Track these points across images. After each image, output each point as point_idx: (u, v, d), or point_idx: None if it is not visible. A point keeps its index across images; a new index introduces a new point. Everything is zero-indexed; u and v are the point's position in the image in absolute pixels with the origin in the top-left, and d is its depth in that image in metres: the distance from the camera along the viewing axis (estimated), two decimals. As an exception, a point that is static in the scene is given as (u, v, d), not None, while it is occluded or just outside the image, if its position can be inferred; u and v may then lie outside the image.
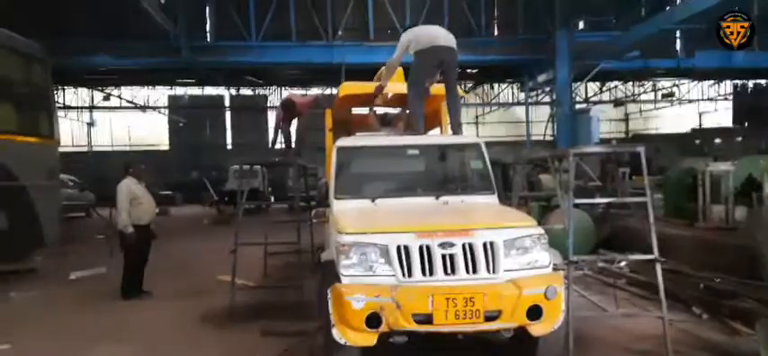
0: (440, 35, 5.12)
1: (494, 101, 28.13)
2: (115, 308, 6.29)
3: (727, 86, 29.88)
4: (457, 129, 5.22)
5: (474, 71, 21.93)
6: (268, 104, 29.49)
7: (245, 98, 28.59)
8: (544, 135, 18.85)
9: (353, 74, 17.45)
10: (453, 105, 5.29)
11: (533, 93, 23.90)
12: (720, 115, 30.76)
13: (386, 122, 6.14)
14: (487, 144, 5.31)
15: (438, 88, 5.56)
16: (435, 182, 5.01)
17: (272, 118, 29.56)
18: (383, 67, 6.02)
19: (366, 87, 6.33)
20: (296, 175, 6.73)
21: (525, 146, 20.86)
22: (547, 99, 23.90)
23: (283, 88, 27.12)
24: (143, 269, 6.76)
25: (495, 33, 18.71)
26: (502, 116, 30.52)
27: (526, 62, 18.45)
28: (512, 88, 27.70)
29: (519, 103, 26.88)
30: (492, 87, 27.85)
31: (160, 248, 7.42)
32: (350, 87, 6.38)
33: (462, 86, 25.04)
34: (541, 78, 18.92)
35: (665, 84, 27.01)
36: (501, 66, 20.08)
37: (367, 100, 6.34)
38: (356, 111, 6.69)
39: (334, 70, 16.98)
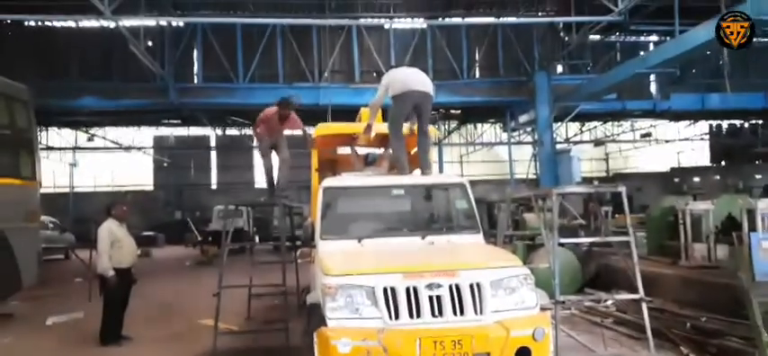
0: (414, 79, 5.25)
1: (477, 140, 28.50)
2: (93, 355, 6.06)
3: (702, 126, 30.73)
4: (426, 169, 5.26)
5: (458, 112, 22.26)
6: (254, 144, 29.50)
7: (230, 138, 28.54)
8: (527, 174, 19.08)
9: (340, 114, 17.63)
10: (423, 146, 5.39)
11: (516, 133, 24.26)
12: (697, 154, 31.52)
13: (369, 162, 6.17)
14: (472, 183, 5.35)
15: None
16: (421, 222, 5.02)
17: (257, 157, 29.49)
18: (363, 108, 6.08)
19: (341, 128, 6.38)
20: (281, 215, 6.66)
21: (509, 185, 21.04)
22: (529, 139, 24.27)
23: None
24: (123, 313, 6.55)
25: (478, 75, 19.11)
26: (485, 155, 30.90)
27: (508, 103, 18.82)
28: (495, 128, 28.14)
29: (502, 143, 27.24)
30: (475, 127, 28.26)
31: (141, 291, 7.22)
32: (325, 128, 6.43)
33: (445, 127, 25.38)
34: (523, 119, 19.28)
35: (642, 124, 27.68)
36: (484, 107, 20.43)
37: (345, 140, 6.36)
38: (342, 150, 6.70)
39: (320, 111, 17.08)
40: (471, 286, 3.69)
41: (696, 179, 28.69)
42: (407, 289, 3.64)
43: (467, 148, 30.00)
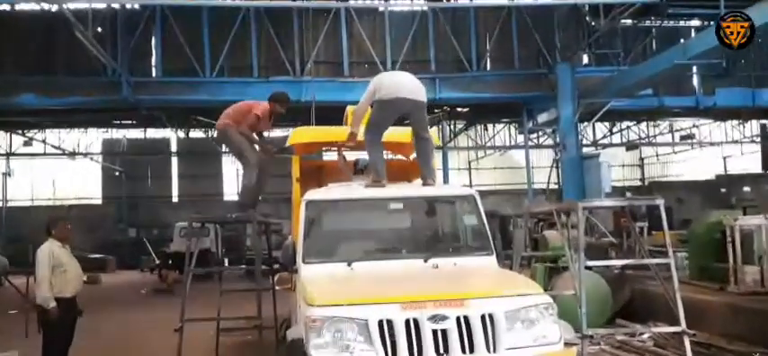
0: (405, 85, 5.32)
1: (489, 144, 28.62)
2: (29, 403, 6.02)
3: (753, 127, 30.93)
4: (428, 178, 5.32)
5: (465, 110, 22.34)
6: (223, 148, 29.47)
7: (195, 141, 28.52)
8: (547, 183, 19.13)
9: (326, 112, 17.61)
10: (423, 153, 5.45)
11: (534, 136, 24.39)
12: (748, 159, 31.68)
13: (359, 170, 6.22)
14: (482, 194, 5.43)
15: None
16: (423, 242, 5.05)
17: (227, 164, 29.51)
18: (350, 107, 6.12)
19: (322, 134, 6.40)
20: (256, 233, 6.67)
21: (526, 197, 21.09)
22: (549, 142, 24.36)
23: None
24: (67, 351, 6.50)
25: (489, 67, 19.22)
26: (498, 161, 31.01)
27: (524, 100, 18.91)
28: (509, 129, 28.27)
29: (517, 147, 27.35)
30: (486, 129, 28.38)
31: (88, 325, 7.18)
32: (302, 134, 6.46)
33: (450, 128, 25.48)
34: (542, 118, 19.36)
35: (682, 124, 27.87)
36: (496, 105, 20.51)
37: (328, 147, 6.42)
38: (328, 156, 6.74)
39: (303, 109, 17.10)
40: (483, 318, 3.70)
41: (746, 189, 28.87)
42: (407, 322, 3.64)
43: (476, 153, 30.12)
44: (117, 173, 29.72)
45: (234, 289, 7.28)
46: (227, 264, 21.24)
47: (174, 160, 30.92)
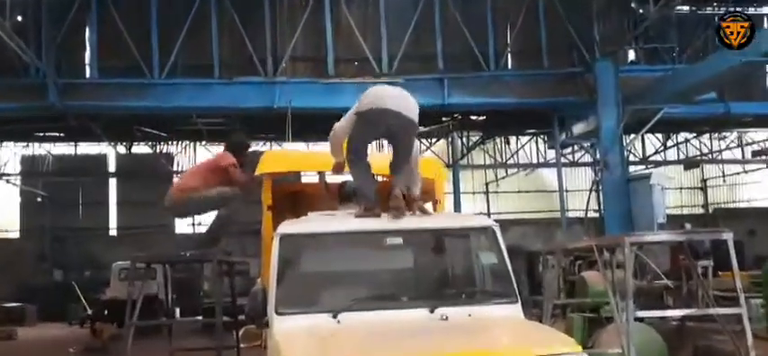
0: (390, 95, 5.37)
1: (510, 161, 28.69)
2: None
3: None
4: (399, 183, 5.33)
5: (481, 119, 22.44)
6: (176, 167, 29.45)
7: (140, 159, 28.50)
8: (585, 211, 19.15)
9: (306, 123, 17.63)
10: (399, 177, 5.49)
11: (568, 151, 24.46)
12: (837, 181, 31.79)
13: (346, 196, 6.25)
14: (503, 225, 5.41)
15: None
16: (429, 287, 5.05)
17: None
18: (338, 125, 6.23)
19: (300, 161, 6.41)
20: (216, 276, 6.64)
21: (559, 228, 21.09)
22: (587, 158, 24.43)
23: (201, 145, 27.19)
24: None
25: (510, 66, 19.32)
26: (523, 183, 31.05)
27: (555, 106, 19.04)
28: (536, 143, 28.34)
29: (547, 165, 27.42)
30: (507, 142, 28.49)
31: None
32: (274, 160, 6.50)
33: (462, 141, 25.55)
34: (578, 129, 19.47)
35: (754, 136, 28.02)
36: (519, 112, 20.62)
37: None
38: (307, 179, 6.79)
39: (276, 118, 17.14)
40: (505, 385, 3.69)
41: (836, 218, 28.95)
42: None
43: (495, 173, 30.17)
44: (39, 199, 29.62)
45: (188, 348, 7.24)
46: (178, 315, 21.07)
47: (113, 182, 30.84)
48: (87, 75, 18.13)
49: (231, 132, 7.60)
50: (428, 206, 6.28)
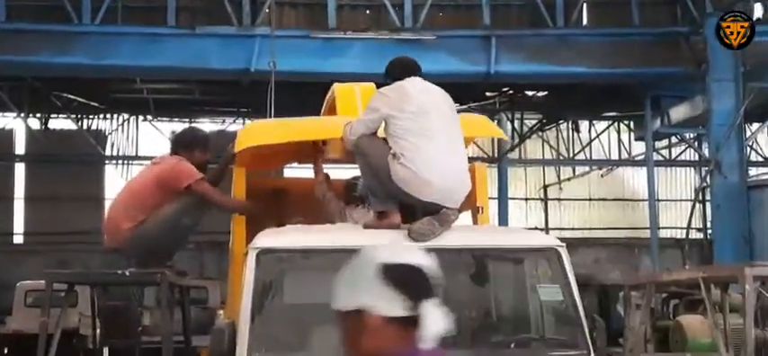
0: (438, 160, 5.26)
1: (578, 157, 28.61)
2: None
3: None
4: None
5: (540, 96, 22.41)
6: (110, 150, 29.56)
7: (59, 138, 28.62)
8: (687, 228, 19.07)
9: (295, 93, 17.56)
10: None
11: (662, 144, 24.28)
12: None
13: (355, 198, 6.31)
14: (568, 243, 5.38)
15: None
16: (465, 331, 5.04)
17: (112, 175, 29.51)
18: (336, 88, 6.20)
19: (292, 129, 6.40)
20: (165, 305, 6.69)
21: (647, 254, 21.01)
22: (689, 155, 24.31)
23: (145, 120, 27.28)
24: None
25: (584, 22, 19.25)
26: (596, 187, 31.01)
27: (646, 80, 18.99)
28: (617, 131, 28.20)
29: (631, 162, 27.33)
30: (576, 129, 28.42)
31: None
32: (256, 132, 6.55)
33: (513, 126, 25.49)
34: (678, 114, 19.40)
35: None
36: (597, 88, 20.58)
37: (301, 150, 6.47)
38: (294, 170, 6.83)
39: (254, 86, 17.14)
40: None
41: None
42: None
43: (557, 171, 30.14)
44: None
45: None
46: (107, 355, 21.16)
47: (20, 169, 30.98)
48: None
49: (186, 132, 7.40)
50: (464, 216, 6.27)
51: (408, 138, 5.24)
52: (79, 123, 27.07)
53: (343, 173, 7.11)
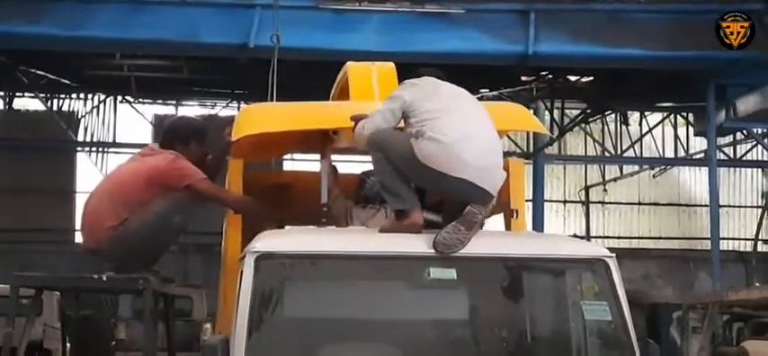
0: (470, 150, 5.21)
1: (627, 154, 28.55)
2: None
3: None
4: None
5: (585, 81, 22.45)
6: (83, 135, 29.66)
7: (25, 120, 28.79)
8: (755, 240, 19.07)
9: (302, 73, 17.53)
10: None
11: (726, 140, 24.25)
12: None
13: (366, 198, 6.35)
14: (619, 254, 5.41)
15: None
16: (496, 351, 5.09)
17: (85, 164, 29.65)
18: (350, 67, 6.20)
19: (296, 115, 6.43)
20: (148, 316, 6.73)
21: (708, 268, 21.04)
22: (758, 154, 24.29)
23: (125, 101, 27.42)
24: None
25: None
26: (647, 189, 31.13)
27: (711, 64, 18.97)
28: (674, 125, 28.16)
29: (691, 161, 27.30)
30: (625, 122, 28.39)
31: None
32: (256, 118, 6.57)
33: (553, 118, 25.52)
34: (746, 106, 19.42)
35: None
36: (651, 74, 20.58)
37: (307, 140, 6.54)
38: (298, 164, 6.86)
39: (252, 65, 17.21)
40: None
41: None
42: None
43: (602, 170, 30.13)
44: None
45: None
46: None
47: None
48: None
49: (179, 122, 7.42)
50: (495, 221, 6.26)
51: (436, 115, 5.24)
52: (48, 103, 27.22)
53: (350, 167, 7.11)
